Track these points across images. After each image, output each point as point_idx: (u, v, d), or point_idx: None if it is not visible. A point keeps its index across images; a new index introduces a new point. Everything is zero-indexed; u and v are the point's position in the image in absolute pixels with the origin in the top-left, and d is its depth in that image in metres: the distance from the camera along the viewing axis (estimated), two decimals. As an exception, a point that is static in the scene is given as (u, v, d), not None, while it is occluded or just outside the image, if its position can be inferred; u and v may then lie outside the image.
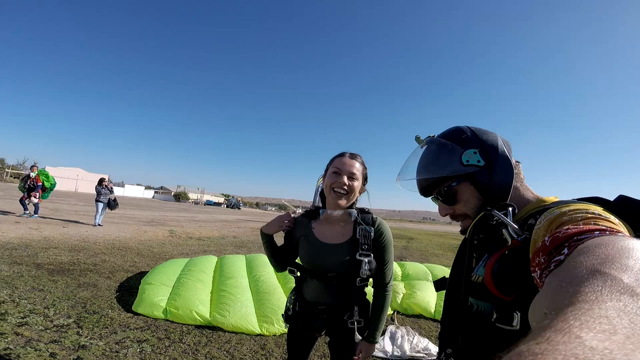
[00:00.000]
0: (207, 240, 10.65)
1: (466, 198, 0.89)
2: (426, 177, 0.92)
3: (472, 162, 0.85)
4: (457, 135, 0.90)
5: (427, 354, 3.14)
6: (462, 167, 0.85)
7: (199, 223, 17.06)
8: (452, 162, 0.87)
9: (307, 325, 1.51)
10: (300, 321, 1.52)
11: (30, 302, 3.63)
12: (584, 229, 0.56)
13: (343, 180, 1.42)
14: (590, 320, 0.27)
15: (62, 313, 3.44)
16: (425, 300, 4.55)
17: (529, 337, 0.27)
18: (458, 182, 0.88)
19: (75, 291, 4.16)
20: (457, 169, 0.86)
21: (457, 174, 0.86)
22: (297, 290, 1.55)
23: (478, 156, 0.85)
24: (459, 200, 0.90)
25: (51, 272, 4.93)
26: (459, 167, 0.86)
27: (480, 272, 0.86)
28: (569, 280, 0.40)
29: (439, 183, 0.91)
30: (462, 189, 0.88)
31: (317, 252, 1.44)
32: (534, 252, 0.63)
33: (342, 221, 1.47)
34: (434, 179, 0.91)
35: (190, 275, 4.39)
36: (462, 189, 0.89)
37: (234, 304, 3.67)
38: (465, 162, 0.85)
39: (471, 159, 0.85)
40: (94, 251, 6.83)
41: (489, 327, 0.77)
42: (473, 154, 0.85)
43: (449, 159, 0.87)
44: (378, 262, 1.43)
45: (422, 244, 16.92)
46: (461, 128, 0.91)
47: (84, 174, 68.93)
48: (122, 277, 5.03)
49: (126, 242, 8.37)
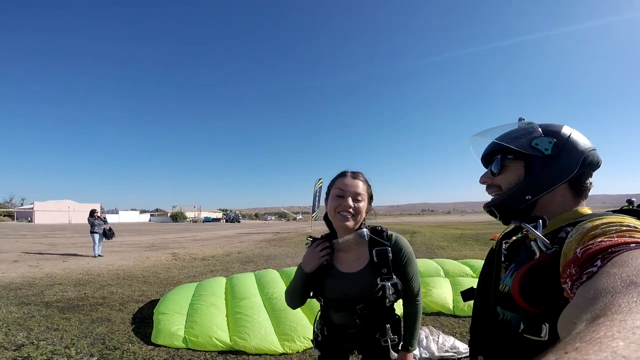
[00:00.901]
0: (212, 259, 10.55)
1: (510, 173, 0.90)
2: (497, 141, 0.93)
3: (540, 147, 0.85)
4: (551, 125, 0.91)
5: (456, 352, 3.11)
6: (528, 146, 0.87)
7: (200, 242, 16.95)
8: (523, 139, 0.88)
9: (338, 348, 1.47)
10: (331, 345, 1.48)
11: (50, 342, 3.60)
12: (618, 241, 0.54)
13: (348, 203, 1.33)
14: (624, 331, 0.26)
15: (84, 352, 3.40)
16: (442, 297, 4.54)
17: (558, 347, 0.26)
18: (514, 158, 0.90)
19: (90, 327, 4.11)
20: (523, 145, 0.87)
21: (519, 150, 0.87)
22: (323, 315, 1.50)
23: (550, 146, 0.85)
24: (503, 173, 0.92)
25: (61, 309, 4.86)
26: (525, 145, 0.87)
27: (507, 282, 0.85)
28: (602, 291, 0.39)
29: (500, 152, 0.93)
30: (513, 164, 0.90)
31: (339, 284, 1.39)
32: (564, 264, 0.62)
33: (356, 244, 1.40)
34: (499, 146, 0.93)
35: (203, 301, 4.33)
36: (512, 164, 0.90)
37: (252, 325, 3.63)
38: (535, 144, 0.86)
39: (541, 145, 0.86)
40: (100, 283, 6.74)
41: (517, 337, 0.76)
42: (547, 142, 0.85)
43: (523, 137, 0.89)
44: (402, 278, 1.38)
45: (426, 237, 16.99)
46: (561, 125, 0.91)
47: (75, 205, 68.36)
48: (134, 308, 4.96)
49: (130, 271, 8.27)
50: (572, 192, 0.86)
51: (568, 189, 0.86)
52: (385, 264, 1.34)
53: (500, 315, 0.87)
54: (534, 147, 0.86)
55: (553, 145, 0.85)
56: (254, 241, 17.07)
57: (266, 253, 11.99)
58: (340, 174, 1.43)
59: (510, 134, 0.92)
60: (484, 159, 1.02)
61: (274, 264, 9.11)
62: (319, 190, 23.86)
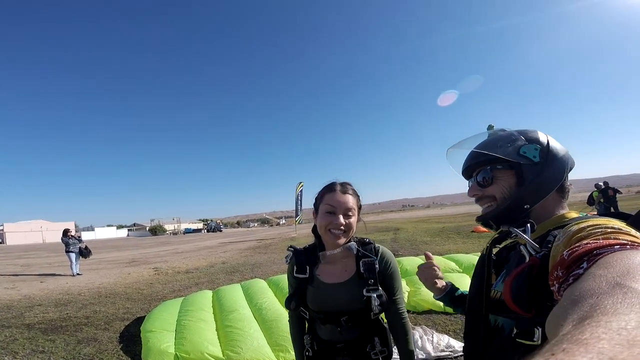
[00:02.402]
0: (196, 271, 10.30)
1: (502, 183, 0.90)
2: (482, 152, 0.93)
3: (528, 155, 0.87)
4: (528, 132, 0.92)
5: (452, 352, 3.12)
6: (517, 155, 0.88)
7: (182, 255, 16.58)
8: (510, 148, 0.89)
9: None
10: None
11: (38, 366, 3.48)
12: (603, 243, 0.56)
13: (340, 222, 1.29)
14: (609, 332, 0.26)
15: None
16: (431, 294, 4.57)
17: (546, 349, 0.27)
18: (503, 167, 0.90)
19: (77, 348, 3.99)
20: (511, 154, 0.88)
21: (508, 159, 0.88)
22: (310, 330, 1.49)
23: (537, 153, 0.87)
24: (494, 183, 0.91)
25: (44, 331, 4.70)
26: (514, 153, 0.88)
27: (498, 287, 0.87)
28: (588, 293, 0.40)
29: (486, 162, 0.93)
30: (504, 174, 0.90)
31: (324, 294, 1.36)
32: (552, 267, 0.63)
33: (344, 257, 1.39)
34: (486, 156, 0.92)
35: (190, 316, 4.25)
36: (503, 174, 0.90)
37: (244, 338, 3.58)
38: (522, 152, 0.88)
39: (528, 152, 0.87)
40: (82, 303, 6.51)
41: (510, 343, 0.78)
42: (534, 149, 0.87)
43: (509, 145, 0.90)
44: (388, 291, 1.35)
45: (409, 233, 17.23)
46: (535, 130, 0.93)
47: (48, 224, 65.75)
48: (120, 326, 4.82)
49: (112, 288, 8.01)
50: (559, 196, 0.89)
51: (556, 194, 0.89)
52: (372, 275, 1.32)
53: (492, 322, 0.88)
54: (522, 155, 0.87)
55: (540, 152, 0.87)
56: (238, 250, 16.84)
57: (251, 261, 11.83)
58: (329, 187, 1.38)
59: (495, 143, 0.92)
60: (467, 170, 1.00)
61: (261, 272, 9.01)
62: (300, 194, 23.86)
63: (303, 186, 24.20)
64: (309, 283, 1.39)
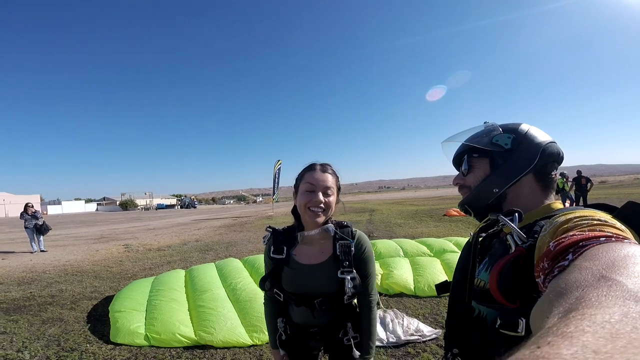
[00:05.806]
0: (168, 249, 10.09)
1: (478, 171, 0.95)
2: (464, 143, 0.99)
3: (499, 143, 0.91)
4: (510, 124, 0.96)
5: (420, 336, 3.20)
6: (490, 143, 0.92)
7: (154, 231, 16.25)
8: (485, 138, 0.94)
9: (302, 347, 1.48)
10: (295, 344, 1.48)
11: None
12: (589, 235, 0.56)
13: (319, 199, 1.32)
14: (594, 325, 0.27)
15: (39, 355, 3.20)
16: (403, 278, 4.66)
17: (531, 341, 0.27)
18: (480, 156, 0.95)
19: (42, 328, 3.86)
20: (485, 143, 0.93)
21: (482, 147, 0.93)
22: (284, 313, 1.50)
23: (509, 141, 0.90)
24: (471, 172, 0.97)
25: (6, 311, 4.53)
26: (487, 142, 0.93)
27: (482, 276, 0.87)
28: (573, 285, 0.40)
29: (467, 153, 0.99)
30: (479, 162, 0.95)
31: (299, 275, 1.38)
32: (538, 258, 0.63)
33: (322, 239, 1.41)
34: (465, 147, 0.99)
35: (162, 296, 4.17)
36: (478, 162, 0.95)
37: (217, 318, 3.55)
38: (495, 141, 0.92)
39: (500, 140, 0.91)
40: (47, 281, 6.28)
41: (493, 333, 0.78)
42: (506, 138, 0.91)
43: (485, 136, 0.95)
44: (361, 275, 1.37)
45: (384, 215, 17.60)
46: (519, 123, 0.96)
47: (11, 197, 62.35)
48: (87, 305, 4.68)
49: (79, 266, 7.77)
50: (539, 185, 0.90)
51: (535, 182, 0.89)
52: (347, 257, 1.34)
53: (475, 310, 0.88)
54: (494, 144, 0.91)
55: (512, 140, 0.90)
56: (212, 227, 16.66)
57: (226, 240, 11.70)
58: (309, 167, 1.40)
59: (477, 135, 0.97)
60: (454, 162, 1.06)
61: (235, 251, 8.95)
62: (278, 172, 23.71)
63: (281, 164, 24.02)
64: (285, 264, 1.41)
